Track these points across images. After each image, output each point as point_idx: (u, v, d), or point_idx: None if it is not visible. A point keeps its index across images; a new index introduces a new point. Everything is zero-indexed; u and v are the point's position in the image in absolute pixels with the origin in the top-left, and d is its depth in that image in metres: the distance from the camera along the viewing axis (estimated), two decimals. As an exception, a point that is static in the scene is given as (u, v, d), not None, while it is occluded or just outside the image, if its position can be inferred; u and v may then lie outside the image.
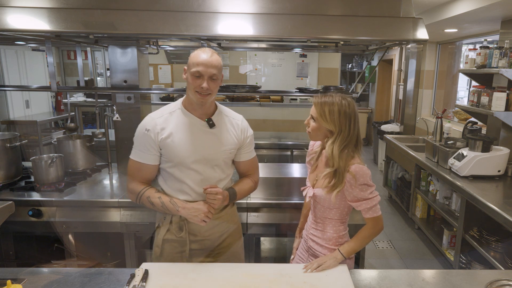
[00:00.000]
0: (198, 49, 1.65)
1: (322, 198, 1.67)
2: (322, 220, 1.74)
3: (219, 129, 1.73)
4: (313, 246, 1.76)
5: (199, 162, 1.69)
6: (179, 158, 1.67)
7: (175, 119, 1.70)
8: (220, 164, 1.75)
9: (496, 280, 1.46)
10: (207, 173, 1.72)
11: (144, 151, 1.69)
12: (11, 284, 1.37)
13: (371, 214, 1.63)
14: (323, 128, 1.63)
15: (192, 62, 1.61)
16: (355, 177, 1.57)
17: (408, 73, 5.85)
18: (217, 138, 1.72)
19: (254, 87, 3.19)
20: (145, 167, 1.71)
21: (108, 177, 2.88)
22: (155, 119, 1.70)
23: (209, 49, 1.66)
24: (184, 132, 1.68)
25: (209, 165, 1.72)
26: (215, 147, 1.71)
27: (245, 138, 1.81)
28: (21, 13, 2.05)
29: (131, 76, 2.85)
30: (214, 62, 1.60)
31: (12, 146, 2.62)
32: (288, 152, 4.00)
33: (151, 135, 1.67)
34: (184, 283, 1.48)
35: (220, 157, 1.73)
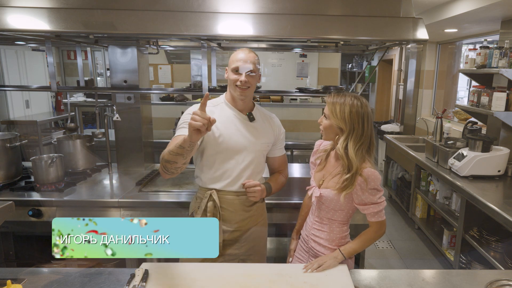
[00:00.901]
0: (237, 50, 1.79)
1: (329, 199, 1.66)
2: (326, 221, 1.73)
3: (259, 123, 1.86)
4: (315, 247, 1.75)
5: (240, 152, 1.80)
6: (222, 147, 1.77)
7: (219, 111, 1.81)
8: (259, 156, 1.86)
9: (496, 280, 1.46)
10: (245, 164, 1.81)
11: (187, 127, 1.62)
12: (11, 284, 1.37)
13: (377, 218, 1.63)
14: (334, 126, 1.63)
15: (232, 60, 1.76)
16: (367, 181, 1.57)
17: (408, 73, 5.85)
18: (257, 131, 1.84)
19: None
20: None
21: (108, 177, 2.88)
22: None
23: (246, 48, 1.80)
24: (228, 122, 1.80)
25: (249, 156, 1.82)
26: (256, 139, 1.83)
27: (279, 134, 1.95)
28: (21, 13, 2.05)
29: (131, 76, 2.85)
30: (251, 59, 1.75)
31: (12, 146, 2.62)
32: (288, 152, 4.00)
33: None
34: (184, 283, 1.48)
35: (259, 148, 1.85)
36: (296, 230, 1.96)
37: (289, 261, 1.91)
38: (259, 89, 3.19)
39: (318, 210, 1.74)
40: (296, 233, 1.96)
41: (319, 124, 1.70)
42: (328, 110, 1.64)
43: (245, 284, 1.47)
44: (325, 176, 1.72)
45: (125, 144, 3.00)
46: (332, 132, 1.66)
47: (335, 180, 1.65)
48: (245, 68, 1.73)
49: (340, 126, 1.61)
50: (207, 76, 2.69)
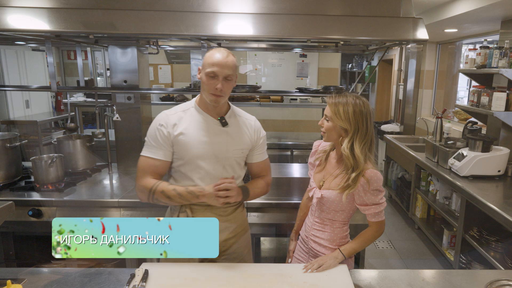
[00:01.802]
0: (213, 49, 1.62)
1: (330, 200, 1.66)
2: (327, 221, 1.73)
3: (232, 128, 1.72)
4: (315, 248, 1.75)
5: (210, 161, 1.68)
6: (190, 156, 1.66)
7: (188, 117, 1.69)
8: (232, 164, 1.73)
9: (496, 280, 1.46)
10: (218, 172, 1.69)
11: (157, 147, 1.67)
12: (11, 284, 1.37)
13: (377, 218, 1.63)
14: (337, 128, 1.62)
15: (207, 63, 1.59)
16: (369, 182, 1.57)
17: (408, 73, 5.84)
18: (229, 137, 1.70)
19: (254, 87, 3.19)
20: (157, 162, 1.68)
21: (108, 177, 2.88)
22: (168, 115, 1.69)
23: (224, 49, 1.63)
24: (197, 129, 1.67)
25: (220, 164, 1.70)
26: (227, 145, 1.69)
27: (258, 138, 1.79)
28: (21, 13, 2.05)
29: (131, 76, 2.85)
30: (229, 63, 1.59)
31: (12, 146, 2.62)
32: (288, 152, 4.00)
33: (164, 130, 1.65)
34: (184, 283, 1.48)
35: (232, 156, 1.71)
36: (294, 231, 1.96)
37: (288, 262, 1.90)
38: (259, 89, 3.19)
39: (318, 211, 1.74)
40: (295, 234, 1.95)
41: (320, 126, 1.67)
42: (331, 112, 1.61)
43: (245, 284, 1.47)
44: (326, 177, 1.72)
45: (125, 144, 3.00)
46: (335, 134, 1.64)
47: (337, 181, 1.65)
48: (222, 73, 1.57)
49: (344, 127, 1.60)
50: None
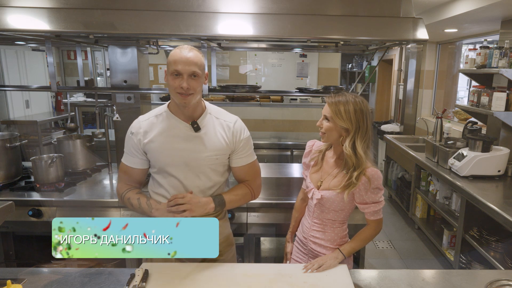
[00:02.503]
0: (176, 47, 1.54)
1: (330, 200, 1.65)
2: (326, 222, 1.73)
3: (205, 133, 1.60)
4: (315, 249, 1.75)
5: (180, 169, 1.59)
6: (160, 164, 1.59)
7: (160, 123, 1.61)
8: (206, 171, 1.61)
9: (496, 280, 1.46)
10: (190, 181, 1.61)
11: (130, 154, 1.64)
12: (11, 284, 1.37)
13: (375, 216, 1.64)
14: (338, 128, 1.61)
15: (170, 61, 1.50)
16: (370, 180, 1.57)
17: (408, 73, 5.84)
18: (201, 142, 1.59)
19: (254, 87, 3.19)
20: (130, 170, 1.65)
21: (108, 177, 2.88)
22: (140, 122, 1.64)
23: (187, 46, 1.55)
24: (166, 136, 1.59)
25: (192, 172, 1.60)
26: (198, 152, 1.59)
27: (238, 141, 1.65)
28: (21, 13, 2.05)
29: (131, 76, 2.85)
30: (193, 59, 1.49)
31: (12, 146, 2.62)
32: (288, 152, 4.00)
33: (134, 138, 1.61)
34: (184, 283, 1.48)
35: (204, 163, 1.60)
36: (290, 232, 1.93)
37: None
38: (259, 89, 3.19)
39: (318, 211, 1.73)
40: (291, 235, 1.93)
41: (319, 127, 1.66)
42: (331, 112, 1.60)
43: (245, 284, 1.47)
44: (323, 177, 1.72)
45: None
46: (336, 134, 1.63)
47: (337, 180, 1.65)
48: (186, 71, 1.47)
49: (346, 126, 1.59)
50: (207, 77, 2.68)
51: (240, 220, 2.37)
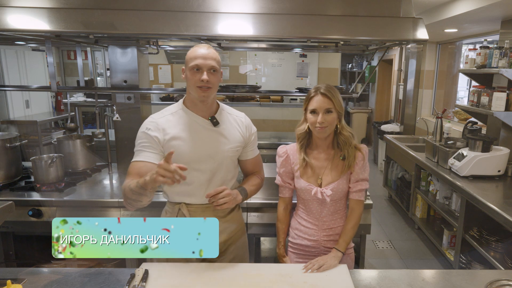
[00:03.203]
0: (194, 46, 1.62)
1: (339, 189, 1.73)
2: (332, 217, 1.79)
3: (224, 127, 1.69)
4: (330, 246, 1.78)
5: (205, 162, 1.65)
6: (185, 159, 1.58)
7: (177, 120, 1.65)
8: (227, 163, 1.70)
9: (496, 280, 1.46)
10: (213, 173, 1.67)
11: (143, 150, 1.63)
12: (11, 284, 1.37)
13: (360, 196, 1.74)
14: (337, 116, 1.70)
15: (190, 58, 1.58)
16: (364, 154, 1.73)
17: (408, 73, 5.85)
18: (222, 136, 1.68)
19: (254, 87, 3.19)
20: (143, 166, 1.60)
21: (108, 177, 2.88)
22: (156, 119, 1.66)
23: (205, 44, 1.65)
24: (188, 132, 1.63)
25: (216, 165, 1.67)
26: (221, 145, 1.67)
27: (250, 135, 1.78)
28: (21, 13, 2.05)
29: (131, 76, 2.85)
30: (212, 55, 1.58)
31: (12, 146, 2.62)
32: (288, 152, 3.99)
33: (151, 133, 1.62)
34: (184, 283, 1.48)
35: (227, 155, 1.68)
36: (283, 247, 1.88)
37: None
38: (259, 89, 3.19)
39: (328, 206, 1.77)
40: (284, 249, 1.88)
41: (321, 123, 1.66)
42: (332, 103, 1.66)
43: (245, 284, 1.47)
44: (320, 173, 1.75)
45: (125, 144, 2.99)
46: (335, 123, 1.71)
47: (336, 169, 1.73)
48: (206, 65, 1.55)
49: (341, 111, 1.69)
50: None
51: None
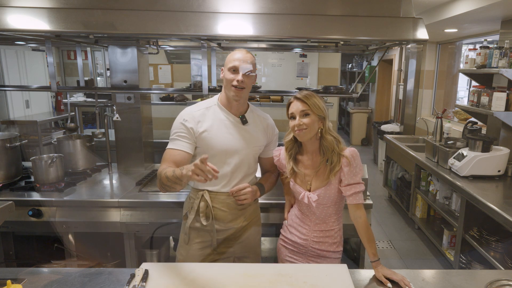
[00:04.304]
0: (235, 50, 1.79)
1: (327, 195, 1.74)
2: (324, 220, 1.81)
3: (251, 126, 1.86)
4: (318, 247, 1.83)
5: (232, 156, 1.80)
6: (214, 151, 1.76)
7: (211, 114, 1.80)
8: (250, 159, 1.86)
9: (496, 280, 1.46)
10: (237, 167, 1.82)
11: (180, 139, 1.76)
12: (11, 284, 1.37)
13: (358, 200, 1.72)
14: (317, 119, 1.71)
15: (229, 60, 1.75)
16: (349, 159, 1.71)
17: (408, 73, 5.85)
18: (249, 134, 1.84)
19: (254, 87, 3.19)
20: (177, 154, 1.75)
21: (108, 177, 2.88)
22: (193, 112, 1.80)
23: (244, 49, 1.80)
24: (220, 126, 1.79)
25: (240, 159, 1.82)
26: (248, 142, 1.83)
27: (273, 135, 1.96)
28: (21, 13, 2.05)
29: (131, 76, 2.85)
30: (249, 59, 1.75)
31: (12, 146, 2.62)
32: (288, 152, 3.99)
33: (188, 125, 1.76)
34: (184, 283, 1.48)
35: (251, 151, 1.85)
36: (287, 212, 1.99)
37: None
38: (259, 89, 3.19)
39: (318, 211, 1.79)
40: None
41: (299, 125, 1.69)
42: (308, 106, 1.68)
43: (245, 284, 1.47)
44: (308, 179, 1.78)
45: (125, 144, 3.00)
46: (316, 126, 1.71)
47: (323, 174, 1.74)
48: (244, 68, 1.72)
49: (322, 115, 1.71)
50: (207, 76, 2.69)
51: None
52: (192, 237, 1.87)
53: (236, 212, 1.86)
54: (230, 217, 1.85)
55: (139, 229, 2.35)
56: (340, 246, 1.86)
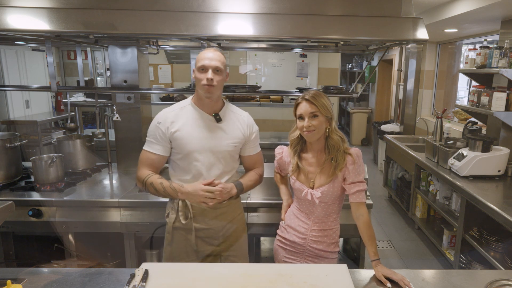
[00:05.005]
0: (203, 49, 1.80)
1: (330, 192, 1.76)
2: (324, 219, 1.82)
3: (226, 124, 1.85)
4: (316, 247, 1.83)
5: (205, 154, 1.81)
6: (187, 150, 1.79)
7: (185, 114, 1.82)
8: (226, 157, 1.85)
9: (496, 280, 1.46)
10: (212, 165, 1.82)
11: (154, 141, 1.82)
12: (11, 284, 1.37)
13: (361, 198, 1.74)
14: (324, 120, 1.73)
15: (198, 59, 1.76)
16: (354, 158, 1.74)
17: (408, 73, 5.85)
18: (223, 131, 1.83)
19: (254, 87, 3.19)
20: (152, 156, 1.83)
21: (108, 177, 2.88)
22: (166, 113, 1.84)
23: (213, 48, 1.80)
24: (192, 125, 1.80)
25: (215, 157, 1.82)
26: (221, 139, 1.82)
27: (251, 133, 1.92)
28: (21, 13, 2.05)
29: (131, 76, 2.85)
30: (217, 57, 1.75)
31: (12, 146, 2.62)
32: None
33: (161, 127, 1.80)
34: (184, 283, 1.48)
35: (225, 149, 1.84)
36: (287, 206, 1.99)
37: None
38: (259, 89, 3.18)
39: (319, 209, 1.80)
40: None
41: (308, 127, 1.71)
42: (316, 107, 1.70)
43: (245, 284, 1.47)
44: (312, 177, 1.79)
45: (125, 144, 3.00)
46: (324, 126, 1.74)
47: (327, 172, 1.76)
48: (211, 65, 1.72)
49: (329, 115, 1.73)
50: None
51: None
52: (175, 236, 1.89)
53: (214, 210, 1.85)
54: (209, 215, 1.85)
55: (139, 229, 2.35)
56: (337, 247, 1.87)
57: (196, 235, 1.86)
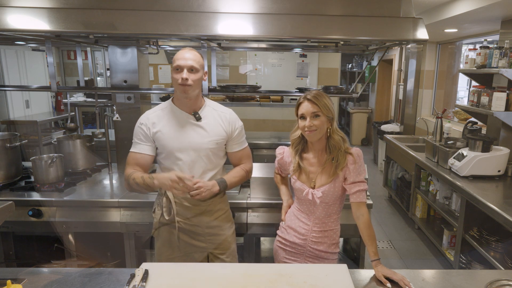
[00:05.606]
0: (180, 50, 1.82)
1: (331, 191, 1.76)
2: (324, 219, 1.81)
3: (207, 122, 1.87)
4: (316, 248, 1.82)
5: (187, 153, 1.84)
6: (169, 149, 1.84)
7: (166, 114, 1.87)
8: (208, 155, 1.87)
9: (496, 280, 1.46)
10: (194, 162, 1.85)
11: (138, 141, 1.88)
12: (11, 284, 1.37)
13: (362, 198, 1.74)
14: (326, 120, 1.73)
15: (174, 59, 1.79)
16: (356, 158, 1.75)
17: (408, 73, 5.85)
18: (203, 130, 1.86)
19: (254, 87, 3.19)
20: (138, 156, 1.87)
21: (108, 177, 2.88)
22: (148, 115, 1.89)
23: (189, 48, 1.82)
24: (173, 125, 1.84)
25: (196, 155, 1.85)
26: (202, 138, 1.85)
27: (234, 130, 1.93)
28: (21, 13, 2.05)
29: (131, 76, 2.85)
30: (192, 56, 1.77)
31: (12, 146, 2.62)
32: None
33: (143, 128, 1.86)
34: (184, 283, 1.48)
35: (207, 147, 1.86)
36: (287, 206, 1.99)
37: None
38: (259, 89, 3.18)
39: (320, 209, 1.80)
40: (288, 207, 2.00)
41: (310, 127, 1.72)
42: (318, 107, 1.71)
43: (245, 284, 1.47)
44: (313, 177, 1.79)
45: (125, 144, 2.99)
46: (325, 126, 1.74)
47: (328, 172, 1.76)
48: (186, 65, 1.74)
49: (331, 116, 1.73)
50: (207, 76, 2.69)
51: (240, 220, 2.37)
52: (161, 231, 1.93)
53: (198, 208, 1.88)
54: (192, 212, 1.88)
55: (139, 229, 2.35)
56: (337, 248, 1.87)
57: (181, 231, 1.89)
